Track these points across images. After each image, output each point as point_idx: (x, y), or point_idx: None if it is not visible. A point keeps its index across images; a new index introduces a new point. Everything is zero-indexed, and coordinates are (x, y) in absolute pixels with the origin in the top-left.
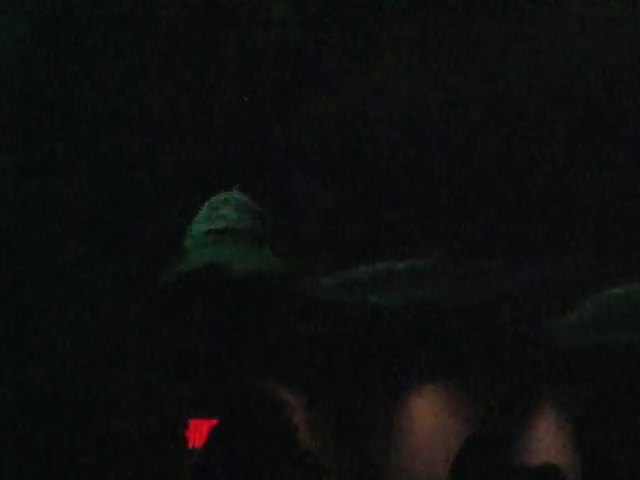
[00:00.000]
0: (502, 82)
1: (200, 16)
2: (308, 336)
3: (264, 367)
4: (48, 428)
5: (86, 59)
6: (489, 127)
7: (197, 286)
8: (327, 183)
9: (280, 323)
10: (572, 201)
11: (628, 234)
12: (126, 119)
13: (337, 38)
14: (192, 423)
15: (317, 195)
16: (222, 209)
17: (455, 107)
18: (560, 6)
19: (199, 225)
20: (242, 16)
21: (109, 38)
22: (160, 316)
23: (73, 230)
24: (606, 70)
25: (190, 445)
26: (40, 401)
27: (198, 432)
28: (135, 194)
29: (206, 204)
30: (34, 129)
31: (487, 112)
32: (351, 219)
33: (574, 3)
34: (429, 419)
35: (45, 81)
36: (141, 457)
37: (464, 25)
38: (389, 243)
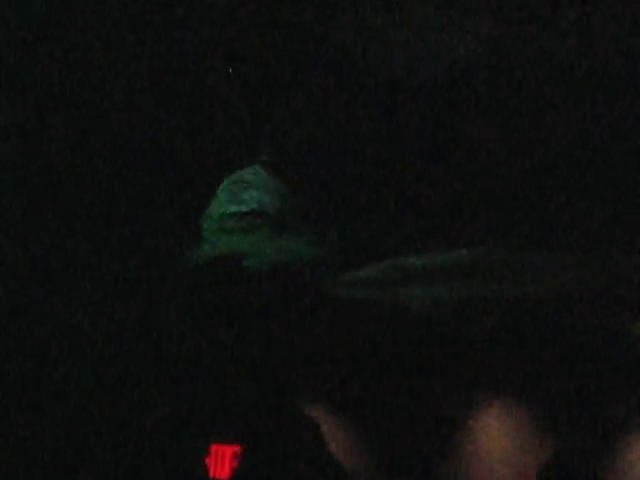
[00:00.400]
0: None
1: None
2: (339, 340)
3: (288, 375)
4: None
5: (84, 53)
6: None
7: (210, 278)
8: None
9: (306, 324)
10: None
11: None
12: (126, 117)
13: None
14: (214, 449)
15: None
16: (246, 189)
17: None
18: None
19: (220, 206)
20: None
21: (109, 34)
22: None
23: (73, 229)
24: None
25: (212, 474)
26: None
27: (220, 459)
28: (135, 193)
29: (227, 182)
30: (35, 127)
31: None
32: (370, 209)
33: None
34: (501, 441)
35: (47, 76)
36: None
37: None
38: (415, 235)
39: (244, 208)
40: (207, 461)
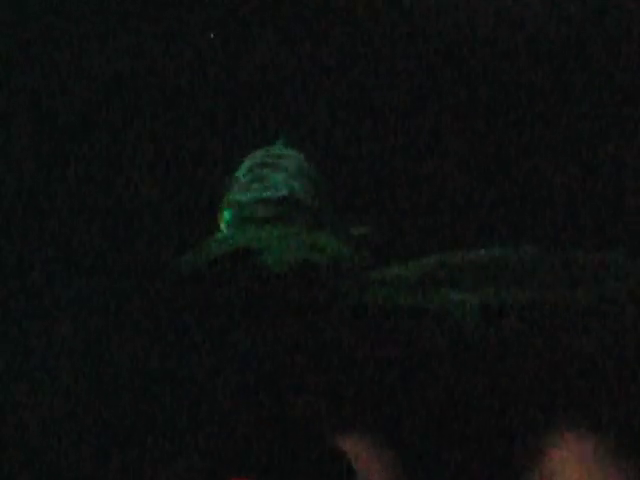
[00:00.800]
0: None
1: None
2: (366, 355)
3: (305, 397)
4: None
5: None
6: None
7: (217, 277)
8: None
9: (329, 336)
10: None
11: None
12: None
13: None
14: None
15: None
16: (275, 170)
17: None
18: None
19: (246, 191)
20: None
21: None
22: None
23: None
24: None
25: None
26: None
27: None
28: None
29: (248, 163)
30: (37, 123)
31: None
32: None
33: None
34: None
35: (47, 75)
36: None
37: None
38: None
39: (277, 193)
40: None
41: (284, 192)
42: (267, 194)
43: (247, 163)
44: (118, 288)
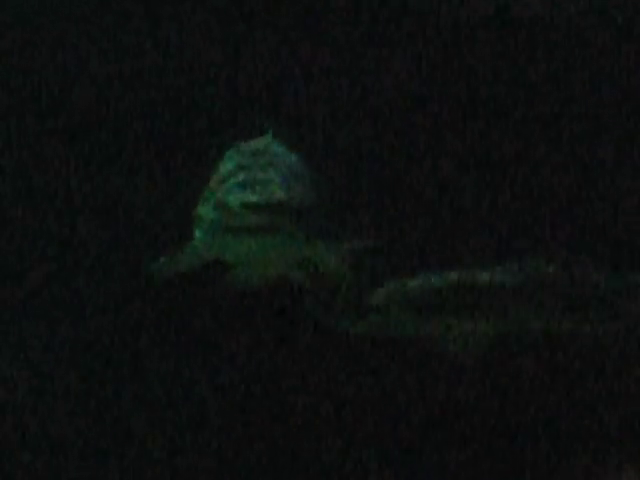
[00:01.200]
0: None
1: None
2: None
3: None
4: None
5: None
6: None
7: (187, 289)
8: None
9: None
10: None
11: None
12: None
13: None
14: None
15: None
16: (266, 168)
17: None
18: None
19: (226, 194)
20: None
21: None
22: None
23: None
24: None
25: None
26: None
27: None
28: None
29: (235, 156)
30: (34, 117)
31: None
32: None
33: None
34: None
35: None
36: None
37: None
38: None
39: (272, 198)
40: None
41: (280, 196)
42: (260, 198)
43: (233, 158)
44: (118, 288)
